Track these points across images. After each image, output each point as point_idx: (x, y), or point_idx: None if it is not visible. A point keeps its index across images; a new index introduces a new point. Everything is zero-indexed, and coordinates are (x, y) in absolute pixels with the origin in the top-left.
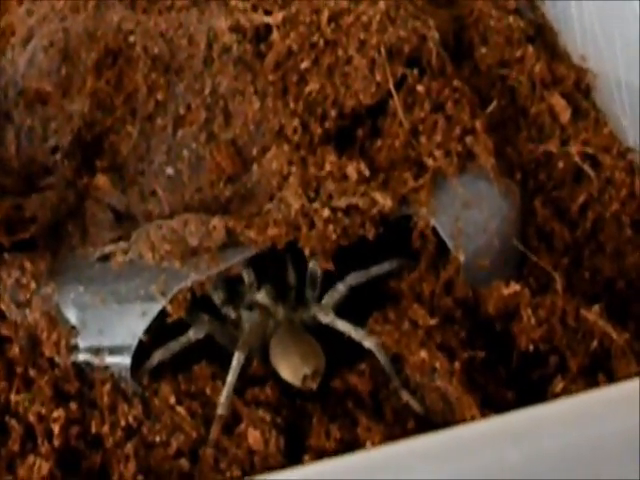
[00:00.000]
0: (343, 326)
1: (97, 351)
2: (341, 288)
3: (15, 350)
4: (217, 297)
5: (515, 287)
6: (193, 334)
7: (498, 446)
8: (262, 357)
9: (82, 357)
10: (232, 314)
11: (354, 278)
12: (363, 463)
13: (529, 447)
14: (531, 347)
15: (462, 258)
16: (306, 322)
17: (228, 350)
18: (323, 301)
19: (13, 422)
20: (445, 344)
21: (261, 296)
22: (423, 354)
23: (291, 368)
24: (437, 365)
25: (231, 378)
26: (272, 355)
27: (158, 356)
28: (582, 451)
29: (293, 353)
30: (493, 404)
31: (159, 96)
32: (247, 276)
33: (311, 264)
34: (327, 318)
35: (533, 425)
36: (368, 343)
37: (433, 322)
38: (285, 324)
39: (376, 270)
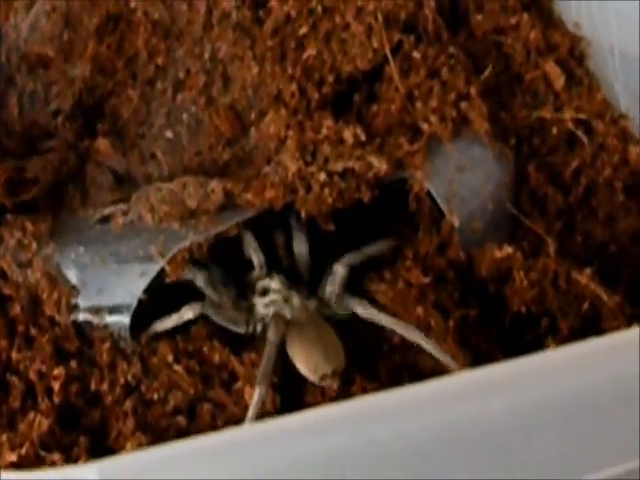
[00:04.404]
0: (384, 320)
1: (97, 310)
2: (340, 270)
3: (16, 309)
4: (227, 296)
5: (508, 250)
6: (184, 313)
7: (483, 396)
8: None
9: (82, 316)
10: (243, 303)
11: (350, 259)
12: (350, 413)
13: (514, 397)
14: (523, 309)
15: (456, 221)
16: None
17: (226, 328)
18: (327, 288)
19: (14, 379)
20: (439, 303)
21: (274, 283)
22: (419, 311)
23: (311, 366)
24: (432, 323)
25: (252, 412)
26: (290, 346)
27: (155, 328)
28: (568, 401)
29: (314, 350)
30: (485, 364)
31: (159, 61)
32: (257, 259)
33: (336, 267)
34: (366, 312)
35: (518, 375)
36: (414, 336)
37: (426, 280)
38: (302, 313)
39: (372, 250)
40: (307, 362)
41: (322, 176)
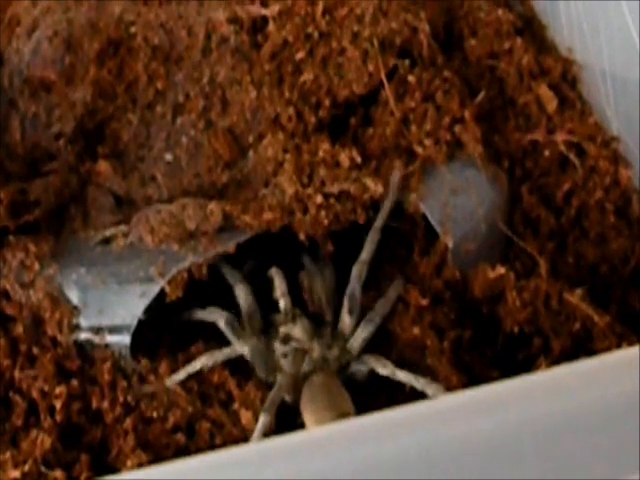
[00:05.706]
0: (404, 377)
1: (98, 330)
2: (376, 319)
3: (19, 329)
4: (251, 328)
5: (500, 270)
6: (205, 360)
7: (472, 417)
8: (293, 395)
9: (83, 336)
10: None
11: (382, 308)
12: (345, 432)
13: (502, 417)
14: (516, 329)
15: (450, 243)
16: (341, 362)
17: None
18: (359, 331)
19: (17, 398)
20: (435, 324)
21: (297, 330)
22: (416, 331)
23: (318, 422)
24: (428, 343)
25: (255, 438)
26: (302, 400)
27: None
28: (555, 422)
29: (323, 408)
30: (479, 384)
31: (159, 85)
32: (283, 303)
33: (350, 288)
34: (385, 370)
35: (507, 397)
36: (432, 391)
37: (425, 302)
38: (319, 367)
39: (393, 293)
40: (315, 420)
41: (318, 198)
